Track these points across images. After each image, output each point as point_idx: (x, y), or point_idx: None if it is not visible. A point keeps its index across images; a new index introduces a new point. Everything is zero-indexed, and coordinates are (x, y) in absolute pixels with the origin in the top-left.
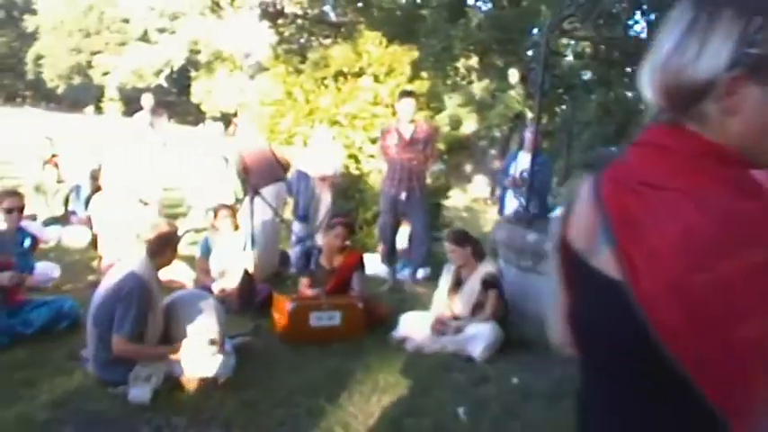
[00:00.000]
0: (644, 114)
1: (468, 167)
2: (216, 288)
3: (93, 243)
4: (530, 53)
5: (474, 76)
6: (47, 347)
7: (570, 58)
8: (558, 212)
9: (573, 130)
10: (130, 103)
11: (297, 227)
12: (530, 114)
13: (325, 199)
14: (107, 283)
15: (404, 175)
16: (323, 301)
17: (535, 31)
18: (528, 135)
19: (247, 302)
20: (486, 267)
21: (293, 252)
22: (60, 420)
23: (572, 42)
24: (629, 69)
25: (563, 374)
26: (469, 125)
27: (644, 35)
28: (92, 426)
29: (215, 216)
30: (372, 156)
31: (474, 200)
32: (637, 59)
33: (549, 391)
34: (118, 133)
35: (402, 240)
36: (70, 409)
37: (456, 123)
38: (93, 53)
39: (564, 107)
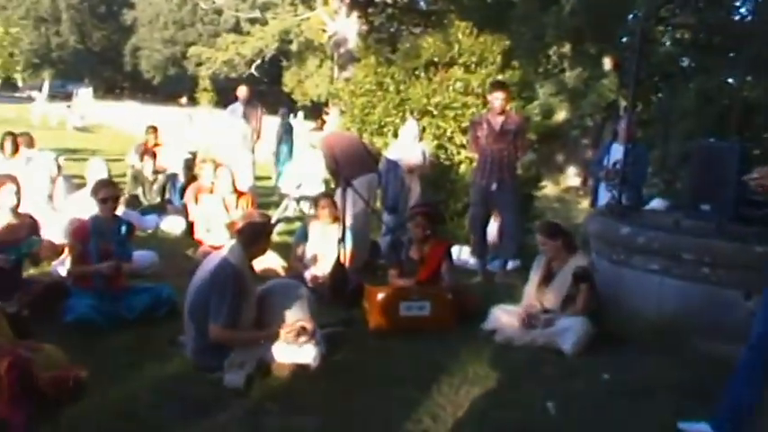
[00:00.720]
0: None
1: (559, 157)
2: (308, 276)
3: (189, 231)
4: (624, 40)
5: (566, 65)
6: (148, 332)
7: (668, 43)
8: (653, 204)
9: (670, 119)
10: (223, 93)
11: (386, 217)
12: (623, 103)
13: (414, 189)
14: (202, 272)
15: (494, 167)
16: (412, 291)
17: (630, 16)
18: (622, 126)
19: (339, 292)
20: (578, 260)
21: (383, 242)
22: (160, 403)
23: (669, 29)
24: (732, 55)
25: (655, 371)
26: (561, 114)
27: (750, 17)
28: (189, 409)
29: (315, 205)
30: (463, 146)
31: (566, 190)
32: (742, 44)
33: (641, 388)
34: (211, 124)
35: (492, 232)
36: (170, 392)
37: (548, 112)
38: (188, 44)
39: (660, 95)
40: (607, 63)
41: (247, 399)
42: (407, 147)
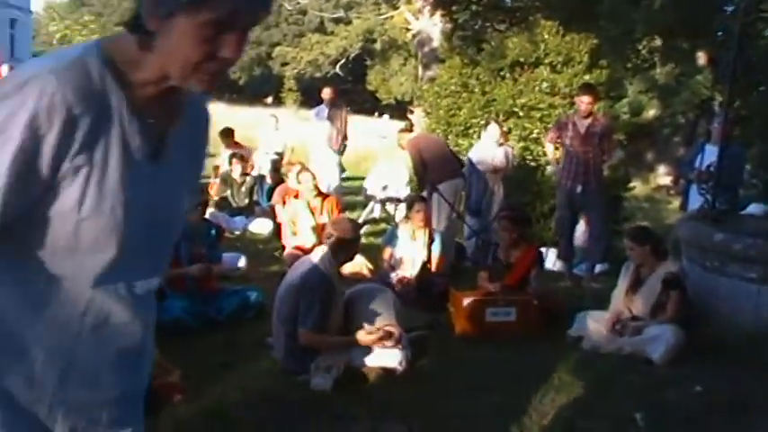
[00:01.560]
0: None
1: (649, 156)
2: (394, 278)
3: (276, 233)
4: (720, 34)
5: (657, 60)
6: (237, 334)
7: None
8: (751, 209)
9: None
10: (308, 92)
11: (470, 220)
12: (719, 100)
13: (498, 192)
14: (291, 277)
15: (580, 169)
16: (498, 297)
17: (729, 9)
18: (716, 126)
19: (425, 296)
20: (668, 266)
21: (467, 245)
22: (249, 403)
23: None
24: None
25: (751, 386)
26: (651, 112)
27: None
28: (277, 411)
29: (409, 208)
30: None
31: (656, 189)
32: None
33: (735, 402)
34: (296, 125)
35: (579, 235)
36: (258, 393)
37: (637, 110)
38: (273, 45)
39: (761, 89)
40: (701, 58)
41: (334, 402)
42: (489, 149)
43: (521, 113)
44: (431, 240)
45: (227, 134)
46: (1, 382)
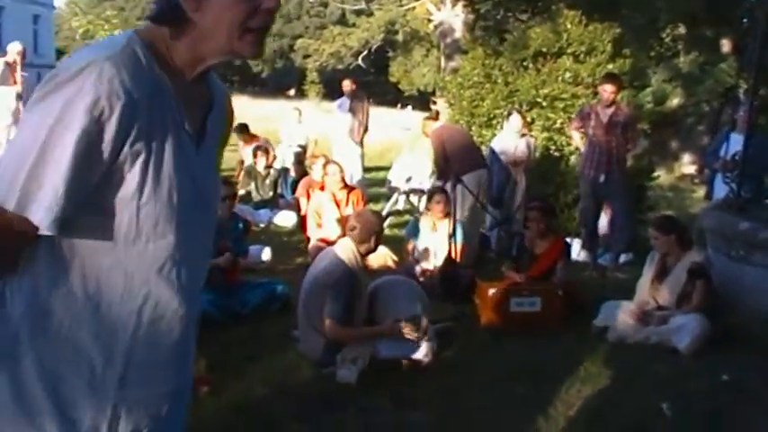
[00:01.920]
0: None
1: (673, 144)
2: (419, 270)
3: (300, 225)
4: (745, 21)
5: (681, 48)
6: (262, 327)
7: None
8: None
9: None
10: (330, 84)
11: (492, 211)
12: (744, 88)
13: (520, 182)
14: (316, 269)
15: (603, 158)
16: (523, 286)
17: None
18: (741, 114)
19: (450, 287)
20: (693, 256)
21: (490, 236)
22: (275, 396)
23: None
24: None
25: None
26: (675, 100)
27: None
28: (302, 403)
29: (429, 200)
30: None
31: (680, 178)
32: None
33: (763, 391)
34: (319, 118)
35: (603, 224)
36: (284, 385)
37: (661, 99)
38: (295, 37)
39: None
40: (725, 46)
41: (360, 394)
42: (511, 140)
43: (544, 104)
44: (453, 231)
45: (243, 130)
46: (61, 387)
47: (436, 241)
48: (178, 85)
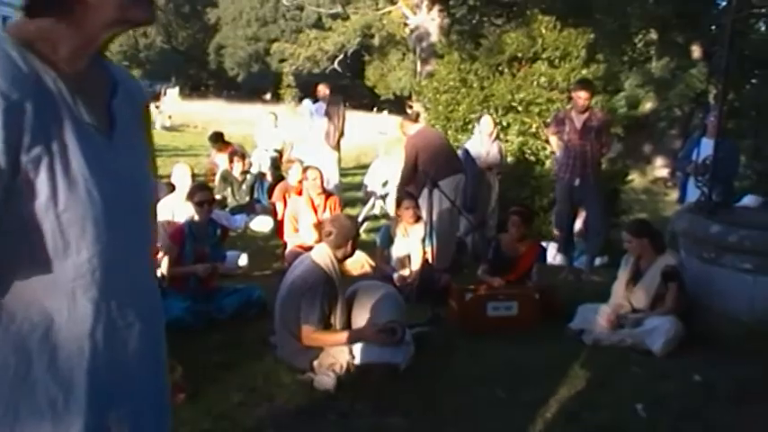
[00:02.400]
0: None
1: (646, 148)
2: (396, 277)
3: (277, 230)
4: (713, 28)
5: (653, 53)
6: (238, 333)
7: (763, 29)
8: (745, 201)
9: (763, 109)
10: (307, 89)
11: (467, 215)
12: (713, 92)
13: (494, 187)
14: (292, 274)
15: (577, 162)
16: (499, 291)
17: (722, 2)
18: (711, 120)
19: (426, 292)
20: (667, 259)
21: (467, 240)
22: (252, 403)
23: (764, 13)
24: None
25: (749, 374)
26: (648, 105)
27: None
28: (280, 410)
29: (397, 206)
30: (548, 141)
31: (653, 181)
32: None
33: (734, 391)
34: (295, 122)
35: (578, 228)
36: (261, 392)
37: (634, 103)
38: (270, 41)
39: (754, 81)
40: (696, 51)
41: (338, 400)
42: (483, 144)
43: (519, 108)
44: (427, 235)
45: (217, 139)
46: (18, 430)
47: (410, 247)
48: (68, 77)
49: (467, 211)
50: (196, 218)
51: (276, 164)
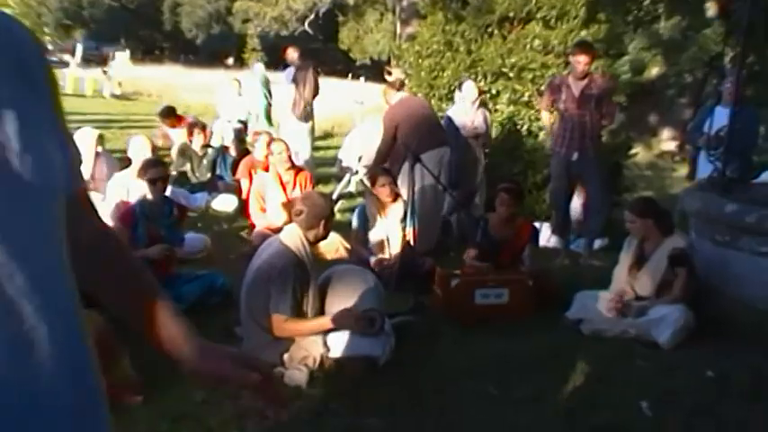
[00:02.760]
0: None
1: (652, 119)
2: (373, 260)
3: (242, 210)
4: None
5: (661, 12)
6: (200, 324)
7: None
8: (765, 176)
9: None
10: (274, 53)
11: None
12: (730, 54)
13: (481, 160)
14: (259, 259)
15: (575, 135)
16: (489, 277)
17: None
18: (727, 86)
19: (408, 277)
20: (675, 241)
21: (452, 220)
22: (215, 401)
23: None
24: None
25: (766, 365)
26: (654, 70)
27: None
28: (246, 409)
29: (372, 183)
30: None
31: (659, 155)
32: None
33: (750, 385)
34: (261, 89)
35: (576, 207)
36: (225, 390)
37: (639, 68)
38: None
39: None
40: (711, 9)
41: (310, 397)
42: (466, 112)
43: (510, 74)
44: (406, 214)
45: (169, 114)
46: None
47: (388, 228)
48: None
49: (451, 188)
50: (149, 196)
51: (240, 136)
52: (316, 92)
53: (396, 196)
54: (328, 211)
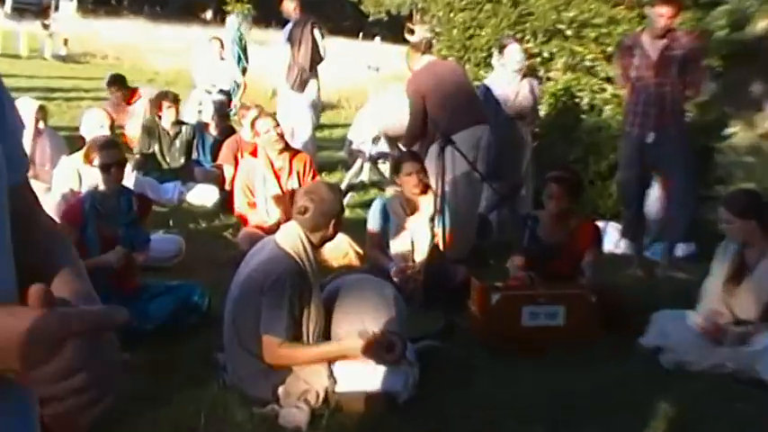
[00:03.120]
0: None
1: (755, 88)
2: (393, 268)
3: (225, 205)
4: None
5: None
6: (172, 350)
7: None
8: None
9: None
10: (265, 4)
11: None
12: None
13: (528, 142)
14: (249, 266)
15: (652, 110)
16: (540, 292)
17: None
18: None
19: (436, 291)
20: None
21: (492, 218)
22: (217, 416)
23: None
24: None
25: None
26: (761, 24)
27: None
28: None
29: (396, 170)
30: (609, 79)
31: (764, 135)
32: None
33: None
34: (250, 51)
35: (653, 203)
36: None
37: (739, 22)
38: None
39: None
40: None
41: None
42: (508, 82)
43: (568, 32)
44: (438, 211)
45: (118, 82)
46: None
47: (414, 228)
48: None
49: (491, 178)
50: (101, 187)
51: (223, 111)
52: (317, 55)
53: (425, 188)
54: (339, 207)
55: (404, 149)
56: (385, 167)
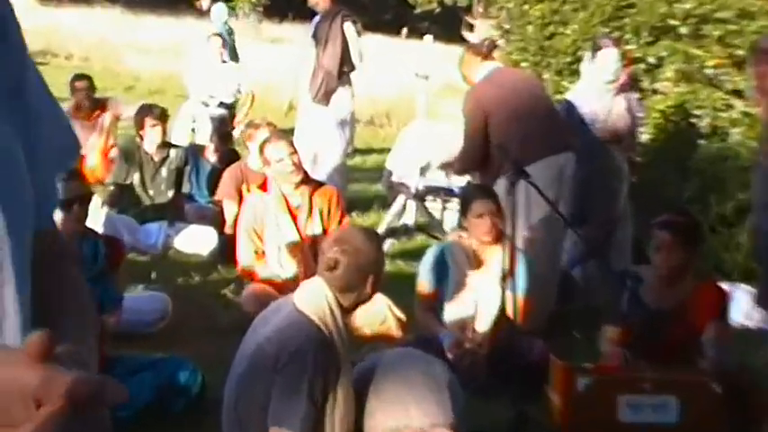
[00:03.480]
0: None
1: None
2: (448, 341)
3: (225, 253)
4: None
5: None
6: None
7: None
8: None
9: None
10: None
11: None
12: None
13: (625, 174)
14: (258, 335)
15: None
16: (644, 376)
17: None
18: None
19: (505, 372)
20: None
21: (577, 274)
22: None
23: None
24: None
25: None
26: None
27: None
28: None
29: (463, 210)
30: (738, 93)
31: None
32: None
33: None
34: (259, 52)
35: None
36: None
37: None
38: None
39: None
40: None
41: None
42: (599, 96)
43: (682, 30)
44: (510, 269)
45: (85, 88)
46: None
47: (480, 287)
48: None
49: (577, 222)
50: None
51: (224, 130)
52: (348, 57)
53: (499, 236)
54: (381, 262)
55: (473, 182)
56: (435, 206)
